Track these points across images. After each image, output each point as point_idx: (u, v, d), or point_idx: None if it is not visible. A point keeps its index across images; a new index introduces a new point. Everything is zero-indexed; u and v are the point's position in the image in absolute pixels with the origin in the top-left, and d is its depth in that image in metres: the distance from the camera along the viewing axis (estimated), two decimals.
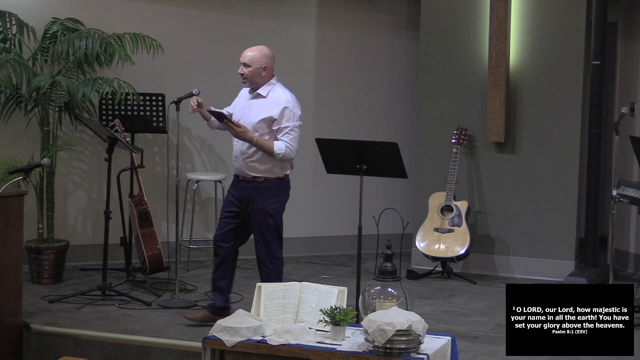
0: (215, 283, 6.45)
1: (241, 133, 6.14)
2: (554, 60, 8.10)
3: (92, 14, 8.00)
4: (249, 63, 6.22)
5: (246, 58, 6.24)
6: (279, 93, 6.25)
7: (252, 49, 6.31)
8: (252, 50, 6.29)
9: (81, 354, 6.14)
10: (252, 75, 6.22)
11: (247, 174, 6.23)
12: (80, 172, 8.21)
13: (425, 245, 8.01)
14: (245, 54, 6.27)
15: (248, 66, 6.22)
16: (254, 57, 6.24)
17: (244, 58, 6.25)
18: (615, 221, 7.29)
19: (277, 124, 6.18)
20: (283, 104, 6.19)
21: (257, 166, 6.20)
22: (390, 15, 9.14)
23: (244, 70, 6.23)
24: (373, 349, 4.64)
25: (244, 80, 6.28)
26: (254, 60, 6.22)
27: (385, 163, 6.25)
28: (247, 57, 6.25)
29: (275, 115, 6.17)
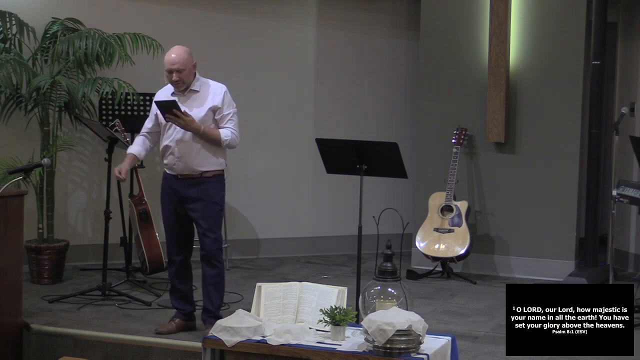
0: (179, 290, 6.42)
1: (190, 122, 6.05)
2: (554, 60, 8.10)
3: (92, 14, 8.00)
4: (181, 67, 6.08)
5: (177, 64, 6.07)
6: (210, 84, 6.27)
7: (176, 52, 6.11)
8: (177, 53, 6.10)
9: (81, 354, 6.14)
10: (187, 77, 6.13)
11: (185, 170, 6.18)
12: (80, 172, 8.21)
13: (425, 245, 8.01)
14: (173, 60, 6.07)
15: (181, 70, 6.09)
16: (183, 59, 6.09)
17: (173, 64, 6.07)
18: (615, 221, 7.29)
19: (220, 112, 6.20)
20: (222, 91, 6.24)
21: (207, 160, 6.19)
22: (390, 15, 9.14)
23: (179, 77, 6.10)
24: (373, 349, 4.64)
25: (179, 86, 6.14)
26: (184, 63, 6.09)
27: (385, 163, 6.25)
28: (177, 62, 6.07)
29: (219, 103, 6.18)
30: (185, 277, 6.45)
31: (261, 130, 8.73)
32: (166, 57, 6.13)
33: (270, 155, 8.77)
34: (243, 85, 8.62)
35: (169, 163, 6.23)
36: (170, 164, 6.22)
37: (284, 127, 8.80)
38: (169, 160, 6.23)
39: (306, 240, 8.94)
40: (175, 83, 6.13)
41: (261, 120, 8.73)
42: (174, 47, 6.18)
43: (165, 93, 6.28)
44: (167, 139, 6.21)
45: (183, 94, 6.19)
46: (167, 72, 6.13)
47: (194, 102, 6.20)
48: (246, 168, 8.67)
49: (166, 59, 6.12)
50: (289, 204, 8.88)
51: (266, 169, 8.78)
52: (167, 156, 6.24)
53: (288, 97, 8.81)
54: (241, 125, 8.65)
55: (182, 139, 6.15)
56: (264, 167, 8.77)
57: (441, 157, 8.27)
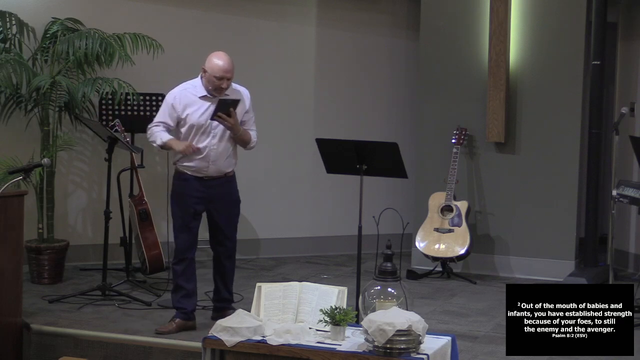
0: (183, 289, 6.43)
1: (237, 123, 6.19)
2: (554, 60, 8.10)
3: (92, 14, 8.00)
4: (232, 76, 6.21)
5: (229, 72, 6.17)
6: (235, 87, 6.37)
7: (227, 61, 6.18)
8: (228, 62, 6.18)
9: (81, 354, 6.14)
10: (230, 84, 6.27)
11: (219, 172, 6.30)
12: (80, 172, 8.21)
13: (425, 245, 8.01)
14: (227, 68, 6.15)
15: (230, 79, 6.22)
16: (233, 68, 6.21)
17: (227, 73, 6.15)
18: (615, 221, 7.29)
19: (247, 115, 6.36)
20: (248, 94, 6.40)
21: (232, 161, 6.36)
22: (390, 15, 9.14)
23: (228, 84, 6.20)
24: (373, 349, 4.64)
25: (222, 92, 6.20)
26: (233, 71, 6.23)
27: (385, 163, 6.25)
28: (230, 71, 6.17)
29: (247, 106, 6.35)
30: (192, 275, 6.49)
31: (261, 130, 8.69)
32: (219, 64, 6.15)
33: (270, 155, 8.77)
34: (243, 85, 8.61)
35: (198, 166, 6.27)
36: (200, 167, 6.27)
37: (284, 127, 8.80)
38: (198, 164, 6.26)
39: (306, 240, 8.94)
40: (220, 90, 6.19)
41: (261, 120, 8.69)
42: (221, 54, 6.23)
43: (185, 93, 6.26)
44: (198, 143, 6.23)
45: (214, 98, 6.23)
46: (216, 79, 6.16)
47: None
48: (246, 168, 8.65)
49: (220, 66, 6.14)
50: (289, 204, 8.88)
51: (266, 169, 8.78)
52: (195, 160, 6.26)
53: (288, 97, 8.81)
54: None
55: (219, 143, 6.25)
56: (264, 167, 8.77)
57: (441, 157, 8.27)
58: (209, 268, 8.27)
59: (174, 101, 6.25)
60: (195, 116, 6.22)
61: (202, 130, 6.23)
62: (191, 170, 6.29)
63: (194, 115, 6.22)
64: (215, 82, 6.16)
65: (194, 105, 6.25)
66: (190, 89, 6.28)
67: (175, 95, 6.28)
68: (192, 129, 6.23)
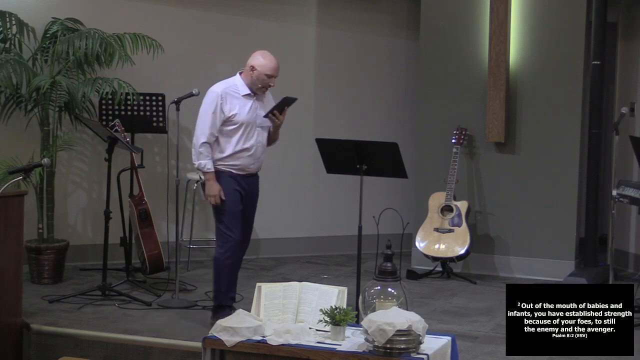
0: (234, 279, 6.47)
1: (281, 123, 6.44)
2: (554, 60, 8.10)
3: (92, 14, 8.00)
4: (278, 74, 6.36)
5: (278, 70, 6.32)
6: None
7: (274, 58, 6.32)
8: (276, 60, 6.32)
9: (81, 354, 6.14)
10: None
11: (258, 168, 6.45)
12: (80, 172, 8.21)
13: (425, 245, 8.01)
14: (277, 67, 6.31)
15: (277, 77, 6.36)
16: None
17: (277, 71, 6.31)
18: (615, 221, 7.29)
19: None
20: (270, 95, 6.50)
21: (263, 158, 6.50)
22: (390, 15, 9.14)
23: (275, 82, 6.34)
24: (373, 349, 4.64)
25: (264, 91, 6.36)
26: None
27: (385, 163, 6.25)
28: (279, 69, 6.33)
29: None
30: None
31: None
32: (269, 62, 6.27)
33: (270, 155, 8.73)
34: None
35: (244, 164, 6.33)
36: (246, 164, 6.34)
37: (283, 127, 8.75)
38: (245, 161, 6.32)
39: (306, 240, 8.94)
40: (266, 88, 6.32)
41: None
42: (267, 52, 6.34)
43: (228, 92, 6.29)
44: (247, 141, 6.29)
45: (252, 95, 6.31)
46: (267, 77, 6.26)
47: (263, 103, 6.39)
48: None
49: (272, 65, 6.27)
50: (289, 204, 8.88)
51: (266, 169, 8.75)
52: (242, 158, 6.31)
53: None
54: None
55: (263, 140, 6.39)
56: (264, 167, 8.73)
57: (441, 157, 8.27)
58: (209, 268, 8.28)
59: (222, 101, 6.26)
60: (244, 114, 6.27)
61: (250, 128, 6.29)
62: (236, 169, 6.33)
63: (241, 113, 6.27)
64: (265, 80, 6.26)
65: (240, 103, 6.29)
66: (232, 88, 6.32)
67: (221, 95, 6.28)
68: (241, 127, 6.27)
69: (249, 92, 6.29)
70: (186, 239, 8.29)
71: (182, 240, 8.12)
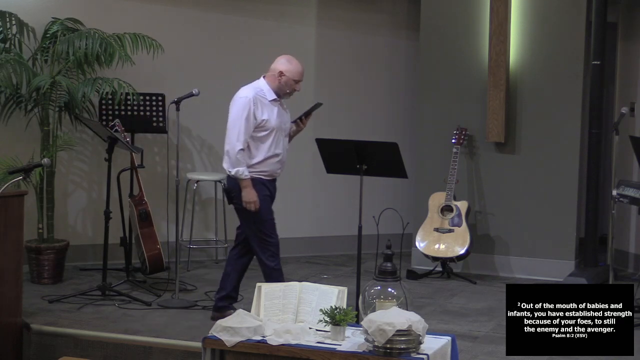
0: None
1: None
2: (554, 60, 8.10)
3: (92, 14, 8.00)
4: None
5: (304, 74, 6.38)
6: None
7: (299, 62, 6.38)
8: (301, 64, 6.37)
9: (81, 354, 6.14)
10: None
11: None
12: (80, 172, 8.21)
13: (425, 245, 8.01)
14: (304, 71, 6.37)
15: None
16: None
17: (304, 75, 6.37)
18: (615, 221, 7.29)
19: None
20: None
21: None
22: (390, 15, 9.14)
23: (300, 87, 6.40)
24: (373, 349, 4.64)
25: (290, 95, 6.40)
26: None
27: (385, 163, 6.25)
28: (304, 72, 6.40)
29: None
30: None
31: None
32: (298, 68, 6.34)
33: None
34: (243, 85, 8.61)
35: (273, 169, 6.36)
36: (274, 170, 6.38)
37: None
38: (274, 167, 6.35)
39: (306, 240, 8.94)
40: (292, 93, 6.37)
41: None
42: (292, 58, 6.39)
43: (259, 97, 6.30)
44: (277, 147, 6.32)
45: (277, 101, 6.35)
46: (294, 82, 6.31)
47: (283, 110, 6.43)
48: None
49: (300, 70, 6.34)
50: (289, 204, 8.87)
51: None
52: (272, 163, 6.33)
53: None
54: None
55: (287, 145, 6.46)
56: None
57: (441, 157, 8.27)
58: (209, 268, 8.31)
59: (254, 107, 6.26)
60: (274, 120, 6.30)
61: (279, 134, 6.33)
62: (265, 174, 6.34)
63: (272, 119, 6.29)
64: (293, 85, 6.30)
65: (269, 109, 6.31)
66: (260, 93, 6.32)
67: (252, 101, 6.27)
68: (272, 133, 6.29)
69: (276, 98, 6.32)
70: (186, 239, 8.29)
71: (182, 240, 8.12)
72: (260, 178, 6.30)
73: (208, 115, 8.43)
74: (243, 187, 6.22)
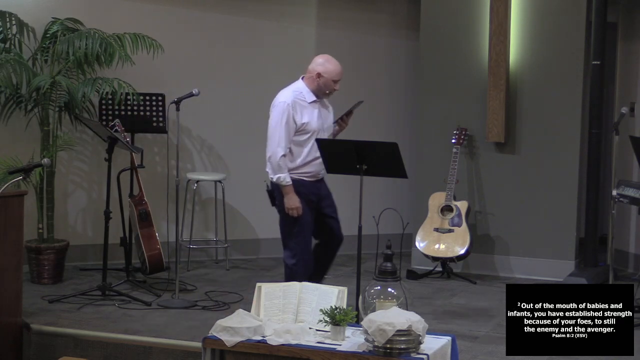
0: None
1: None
2: (554, 60, 8.10)
3: (92, 14, 8.00)
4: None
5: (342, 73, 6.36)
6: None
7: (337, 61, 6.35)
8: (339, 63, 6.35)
9: (81, 354, 6.14)
10: None
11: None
12: (80, 172, 8.21)
13: (425, 245, 8.01)
14: (342, 70, 6.36)
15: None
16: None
17: (342, 75, 6.36)
18: (615, 221, 7.29)
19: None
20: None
21: None
22: (390, 16, 9.14)
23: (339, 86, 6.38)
24: (373, 349, 4.64)
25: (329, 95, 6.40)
26: None
27: (385, 163, 6.25)
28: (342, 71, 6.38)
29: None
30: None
31: (261, 130, 8.70)
32: (336, 67, 6.34)
33: None
34: (243, 86, 8.63)
35: (316, 170, 6.40)
36: (317, 170, 6.42)
37: None
38: (316, 168, 6.39)
39: None
40: (332, 93, 6.36)
41: (261, 120, 8.70)
42: (330, 57, 6.39)
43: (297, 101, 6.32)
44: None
45: (316, 102, 6.37)
46: (333, 82, 6.31)
47: (325, 109, 6.45)
48: (246, 168, 8.67)
49: (339, 70, 6.34)
50: None
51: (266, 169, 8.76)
52: (314, 165, 6.38)
53: None
54: (241, 125, 8.70)
55: None
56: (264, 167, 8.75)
57: (441, 157, 8.27)
58: (209, 268, 8.32)
59: (293, 111, 6.29)
60: (314, 122, 6.33)
61: (319, 135, 6.34)
62: (308, 176, 6.38)
63: (312, 122, 6.33)
64: (332, 85, 6.31)
65: (309, 111, 6.33)
66: (299, 96, 6.35)
67: (290, 105, 6.30)
68: (313, 135, 6.32)
69: (315, 99, 6.34)
70: (186, 239, 8.29)
71: (182, 240, 8.12)
72: (302, 179, 6.35)
73: (208, 115, 8.44)
74: (285, 194, 6.30)
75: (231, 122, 8.60)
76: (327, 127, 6.46)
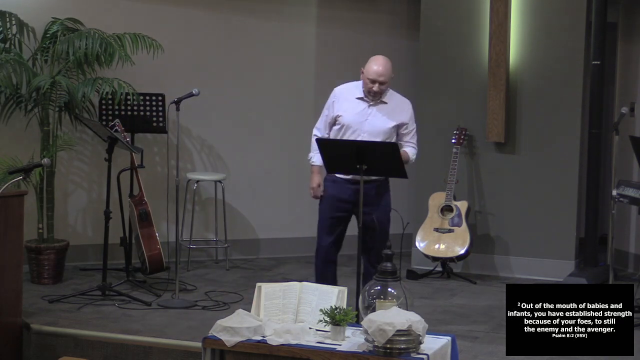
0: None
1: None
2: (554, 60, 8.10)
3: (92, 14, 8.00)
4: (385, 80, 6.22)
5: (382, 76, 6.18)
6: (398, 97, 6.42)
7: (383, 64, 6.20)
8: (384, 66, 6.20)
9: (81, 354, 6.14)
10: (385, 89, 6.28)
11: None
12: (80, 172, 8.21)
13: (425, 245, 8.01)
14: (380, 72, 6.17)
15: (384, 83, 6.23)
16: (389, 72, 6.23)
17: (380, 76, 6.17)
18: (615, 221, 7.29)
19: (406, 128, 6.37)
20: (409, 106, 6.43)
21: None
22: (390, 15, 9.14)
23: (380, 89, 6.22)
24: (373, 349, 4.64)
25: (375, 96, 6.25)
26: (389, 76, 6.25)
27: (385, 163, 6.24)
28: (383, 75, 6.18)
29: (406, 119, 6.36)
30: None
31: (261, 130, 8.73)
32: (373, 66, 6.21)
33: (270, 155, 8.77)
34: (243, 86, 8.63)
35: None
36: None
37: (284, 127, 8.80)
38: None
39: (306, 240, 8.91)
40: (374, 94, 6.24)
41: (261, 120, 8.73)
42: (379, 57, 6.27)
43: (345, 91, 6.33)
44: None
45: (372, 102, 6.29)
46: (369, 81, 6.21)
47: (380, 112, 6.31)
48: (246, 168, 8.67)
49: (373, 69, 6.20)
50: (289, 204, 8.87)
51: (266, 169, 8.78)
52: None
53: (288, 97, 8.81)
54: (241, 125, 8.70)
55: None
56: (264, 167, 8.77)
57: (441, 157, 8.27)
58: (209, 268, 8.32)
59: (335, 99, 6.34)
60: (349, 116, 6.28)
61: (352, 131, 6.28)
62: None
63: (347, 115, 6.29)
64: (368, 84, 6.24)
65: (350, 105, 6.30)
66: (352, 89, 6.35)
67: (336, 93, 6.36)
68: (346, 130, 6.29)
69: (362, 96, 6.31)
70: (186, 239, 8.29)
71: (182, 240, 8.12)
72: (335, 176, 6.31)
73: (208, 115, 8.44)
74: (311, 172, 6.37)
75: (231, 122, 8.60)
76: (377, 130, 6.26)
